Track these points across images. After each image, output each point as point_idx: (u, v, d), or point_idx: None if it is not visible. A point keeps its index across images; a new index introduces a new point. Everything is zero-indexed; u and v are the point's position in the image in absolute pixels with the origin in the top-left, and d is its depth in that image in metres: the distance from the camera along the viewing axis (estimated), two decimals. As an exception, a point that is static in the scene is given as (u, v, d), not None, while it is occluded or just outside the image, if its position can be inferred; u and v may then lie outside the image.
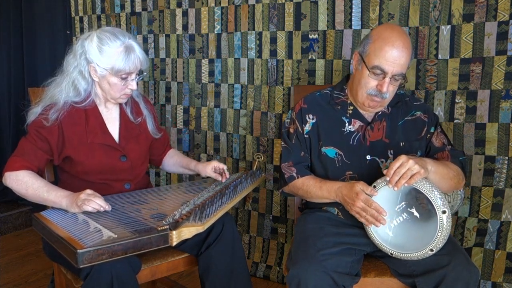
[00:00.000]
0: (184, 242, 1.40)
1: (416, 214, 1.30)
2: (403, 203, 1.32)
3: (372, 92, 1.43)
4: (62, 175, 1.60)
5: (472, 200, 1.85)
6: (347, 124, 1.53)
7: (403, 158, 1.26)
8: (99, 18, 2.69)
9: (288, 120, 1.62)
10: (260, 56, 2.20)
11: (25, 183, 1.43)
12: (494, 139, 1.78)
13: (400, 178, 1.25)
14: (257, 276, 2.29)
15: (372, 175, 1.41)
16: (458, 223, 1.88)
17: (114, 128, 1.61)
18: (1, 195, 3.06)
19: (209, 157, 2.43)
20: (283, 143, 1.61)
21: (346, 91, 1.56)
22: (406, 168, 1.24)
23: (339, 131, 1.53)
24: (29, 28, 3.08)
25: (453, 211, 1.56)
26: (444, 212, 1.25)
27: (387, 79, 1.39)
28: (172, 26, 2.43)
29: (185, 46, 2.41)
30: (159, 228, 1.25)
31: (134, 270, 1.36)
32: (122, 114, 1.64)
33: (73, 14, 2.80)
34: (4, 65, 3.11)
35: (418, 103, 1.58)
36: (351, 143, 1.51)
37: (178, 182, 2.57)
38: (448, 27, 1.79)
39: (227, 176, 1.65)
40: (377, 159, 1.49)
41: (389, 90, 1.41)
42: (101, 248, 1.14)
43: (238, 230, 1.91)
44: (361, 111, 1.53)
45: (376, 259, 1.47)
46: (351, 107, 1.54)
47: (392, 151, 1.50)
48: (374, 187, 1.33)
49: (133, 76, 1.52)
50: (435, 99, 1.86)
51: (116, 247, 1.16)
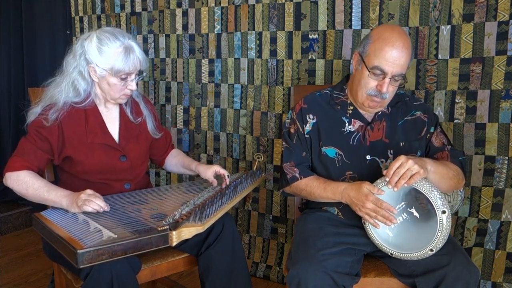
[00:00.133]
0: (184, 242, 1.40)
1: (416, 214, 1.30)
2: (403, 203, 1.32)
3: (372, 93, 1.43)
4: (62, 175, 1.61)
5: (472, 200, 1.85)
6: (347, 124, 1.53)
7: (402, 158, 1.26)
8: (99, 18, 2.69)
9: (289, 120, 1.62)
10: (260, 56, 2.20)
11: (25, 183, 1.43)
12: (494, 139, 1.78)
13: (399, 178, 1.25)
14: (257, 276, 2.29)
15: (372, 175, 1.41)
16: (458, 223, 1.88)
17: (114, 128, 1.61)
18: (1, 195, 3.06)
19: (209, 157, 2.43)
20: (284, 143, 1.61)
21: (346, 91, 1.56)
22: (405, 168, 1.24)
23: (339, 131, 1.53)
24: (29, 28, 3.08)
25: (453, 211, 1.56)
26: (443, 212, 1.25)
27: (387, 80, 1.39)
28: (172, 26, 2.43)
29: (185, 46, 2.41)
30: (159, 228, 1.25)
31: (134, 270, 1.36)
32: (122, 114, 1.64)
33: (73, 14, 2.80)
34: (4, 65, 3.11)
35: (418, 103, 1.58)
36: (351, 143, 1.51)
37: (178, 182, 2.57)
38: (448, 27, 1.79)
39: (227, 183, 1.64)
40: (377, 159, 1.49)
41: (389, 90, 1.41)
42: (101, 248, 1.14)
43: (238, 230, 1.91)
44: (361, 111, 1.53)
45: (376, 259, 1.47)
46: (351, 107, 1.54)
47: (392, 151, 1.50)
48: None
49: (132, 76, 1.52)
50: (435, 99, 1.86)
51: (116, 247, 1.16)
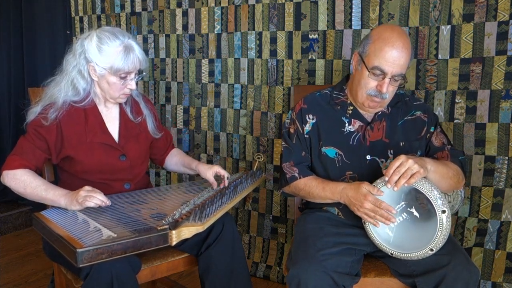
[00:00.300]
0: (184, 242, 1.40)
1: (416, 214, 1.30)
2: (403, 203, 1.31)
3: (372, 93, 1.43)
4: (62, 175, 1.61)
5: (472, 200, 1.85)
6: (347, 124, 1.53)
7: (402, 158, 1.26)
8: (99, 18, 2.69)
9: (288, 120, 1.62)
10: (260, 56, 2.20)
11: (23, 181, 1.43)
12: (494, 139, 1.78)
13: (399, 178, 1.25)
14: (257, 276, 2.29)
15: (372, 175, 1.41)
16: (458, 223, 1.88)
17: (113, 127, 1.61)
18: (1, 195, 3.06)
19: (209, 157, 2.43)
20: (283, 143, 1.61)
21: (346, 91, 1.56)
22: (405, 167, 1.24)
23: (339, 131, 1.53)
24: (29, 28, 3.08)
25: (453, 211, 1.56)
26: (443, 212, 1.24)
27: (386, 80, 1.39)
28: (172, 26, 2.43)
29: (185, 46, 2.41)
30: (159, 228, 1.25)
31: (134, 270, 1.36)
32: (122, 113, 1.64)
33: (73, 14, 2.80)
34: (4, 65, 3.11)
35: (418, 103, 1.58)
36: (351, 143, 1.51)
37: (178, 182, 2.56)
38: (448, 27, 1.79)
39: (226, 185, 1.63)
40: (377, 159, 1.49)
41: (388, 90, 1.41)
42: (100, 248, 1.14)
43: (238, 230, 1.91)
44: (360, 111, 1.53)
45: (376, 259, 1.47)
46: (351, 107, 1.54)
47: (392, 151, 1.49)
48: (375, 187, 1.33)
49: (132, 75, 1.52)
50: (435, 99, 1.86)
51: (116, 247, 1.16)
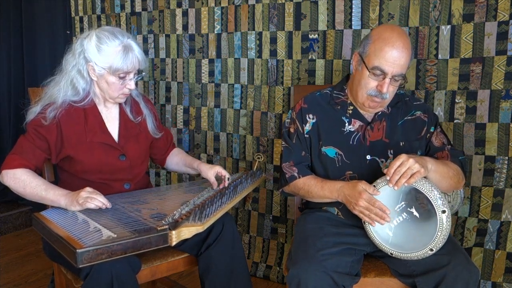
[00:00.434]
0: (184, 242, 1.40)
1: (416, 214, 1.30)
2: (403, 203, 1.31)
3: (372, 93, 1.43)
4: (62, 174, 1.61)
5: (472, 200, 1.85)
6: (347, 124, 1.53)
7: (403, 157, 1.26)
8: (99, 18, 2.69)
9: (288, 120, 1.62)
10: (260, 56, 2.20)
11: (22, 181, 1.43)
12: (494, 139, 1.78)
13: (400, 177, 1.25)
14: (257, 276, 2.29)
15: (372, 175, 1.41)
16: (458, 223, 1.88)
17: (113, 127, 1.61)
18: (1, 195, 3.06)
19: (209, 157, 2.43)
20: (283, 143, 1.61)
21: (346, 91, 1.56)
22: (406, 167, 1.24)
23: (339, 131, 1.53)
24: (29, 28, 3.08)
25: (453, 211, 1.56)
26: (443, 212, 1.24)
27: (387, 80, 1.39)
28: (172, 26, 2.43)
29: (185, 46, 2.41)
30: (159, 228, 1.25)
31: (134, 270, 1.36)
32: (122, 113, 1.64)
33: (73, 14, 2.80)
34: (4, 65, 3.11)
35: (418, 103, 1.58)
36: (351, 143, 1.51)
37: (178, 182, 2.56)
38: (448, 27, 1.79)
39: (226, 185, 1.63)
40: (377, 159, 1.49)
41: (389, 90, 1.41)
42: (100, 248, 1.14)
43: (238, 230, 1.91)
44: (361, 111, 1.53)
45: (376, 259, 1.47)
46: (351, 107, 1.54)
47: (392, 151, 1.49)
48: (374, 186, 1.33)
49: (131, 75, 1.52)
50: (435, 99, 1.86)
51: (116, 247, 1.16)
